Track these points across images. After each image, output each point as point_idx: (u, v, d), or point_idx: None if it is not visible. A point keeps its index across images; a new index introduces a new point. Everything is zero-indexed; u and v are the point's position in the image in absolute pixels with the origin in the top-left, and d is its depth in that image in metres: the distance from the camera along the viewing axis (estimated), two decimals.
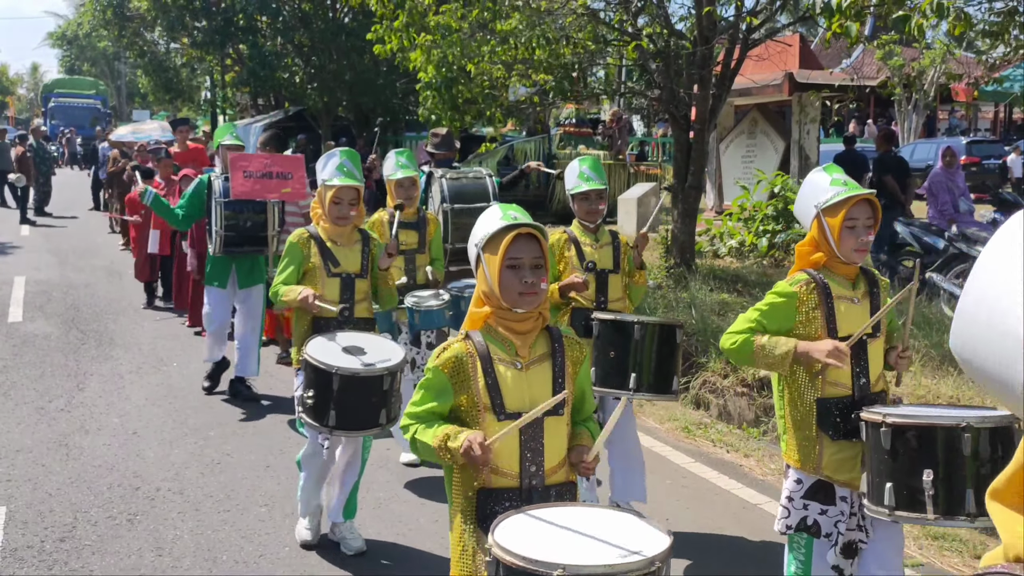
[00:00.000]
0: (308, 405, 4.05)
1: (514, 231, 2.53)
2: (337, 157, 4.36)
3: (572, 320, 4.56)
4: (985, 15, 10.35)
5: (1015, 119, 34.51)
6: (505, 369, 2.57)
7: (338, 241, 4.39)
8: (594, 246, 4.64)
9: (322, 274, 4.34)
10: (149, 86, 34.76)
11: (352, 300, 4.40)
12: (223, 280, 7.03)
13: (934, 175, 10.56)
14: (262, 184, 6.53)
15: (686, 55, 9.75)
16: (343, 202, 4.32)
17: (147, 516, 4.93)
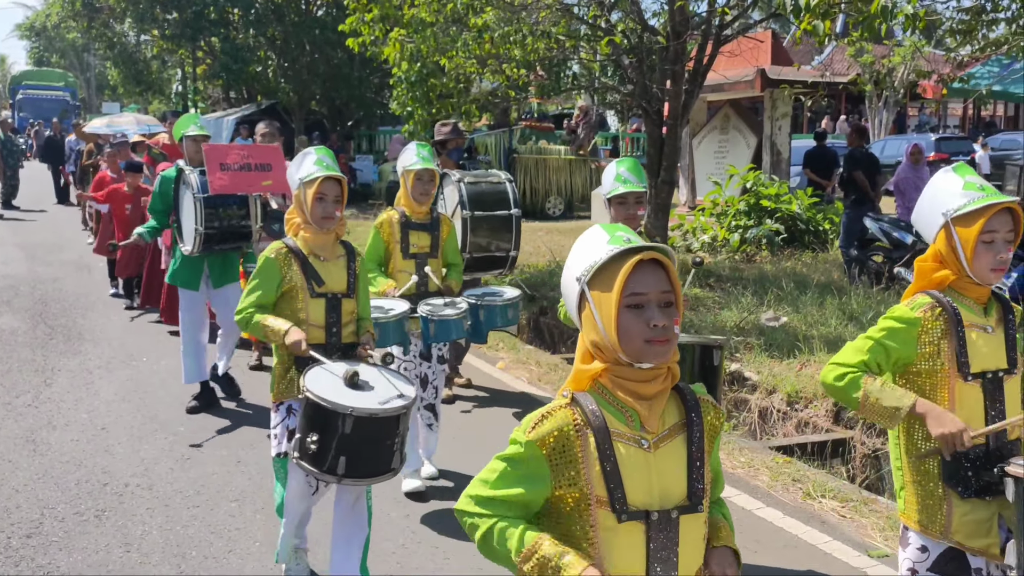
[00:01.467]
0: (311, 451, 3.45)
1: (634, 257, 1.89)
2: (313, 154, 3.92)
3: None
4: (953, 14, 10.49)
5: (983, 116, 34.97)
6: (627, 449, 1.91)
7: (321, 255, 3.89)
8: None
9: (304, 294, 3.83)
10: (119, 78, 34.42)
11: (339, 323, 3.90)
12: (194, 281, 6.56)
13: (901, 172, 10.69)
14: (241, 177, 6.17)
15: (659, 50, 9.80)
16: (327, 198, 3.79)
17: (115, 512, 4.89)
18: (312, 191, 3.79)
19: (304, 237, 3.88)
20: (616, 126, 33.81)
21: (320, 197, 3.79)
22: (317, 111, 25.07)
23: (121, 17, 28.47)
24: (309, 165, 3.87)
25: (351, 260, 3.99)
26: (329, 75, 23.58)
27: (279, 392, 3.91)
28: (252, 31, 24.47)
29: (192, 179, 6.27)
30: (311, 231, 3.86)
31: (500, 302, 5.45)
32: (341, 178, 3.85)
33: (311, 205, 3.80)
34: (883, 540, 4.70)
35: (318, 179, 3.78)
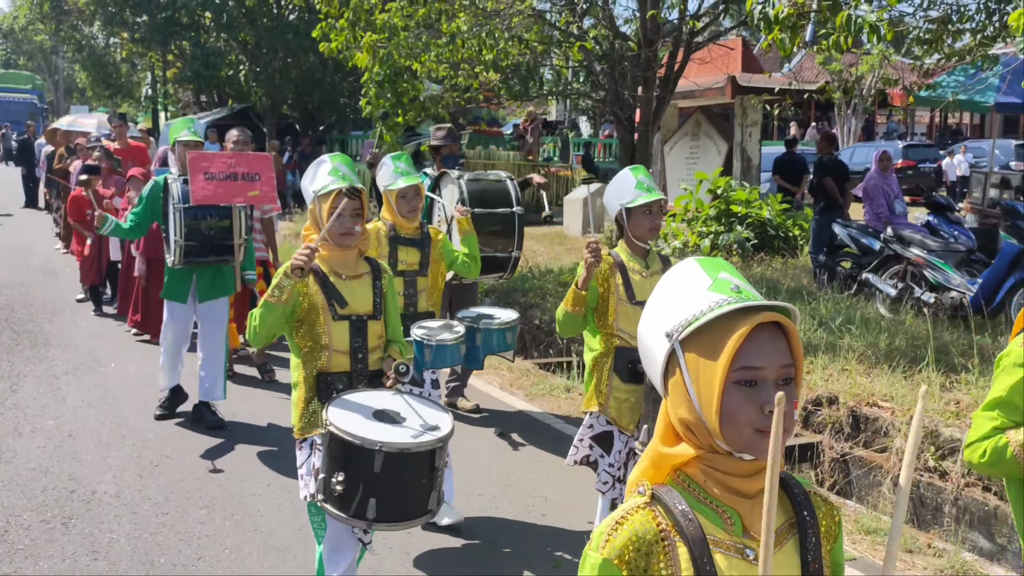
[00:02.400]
0: (337, 493, 3.08)
1: (752, 320, 1.44)
2: (328, 162, 3.54)
3: (616, 362, 3.96)
4: (920, 23, 10.64)
5: (950, 124, 35.48)
6: (728, 560, 1.47)
7: (343, 273, 3.50)
8: (644, 273, 3.97)
9: (326, 316, 3.44)
10: (88, 81, 34.04)
11: (365, 347, 3.52)
12: (182, 294, 6.23)
13: (870, 178, 10.82)
14: (226, 187, 5.83)
15: (630, 57, 9.86)
16: (345, 212, 3.39)
17: (82, 519, 4.84)
18: (328, 205, 3.42)
19: (322, 255, 3.50)
20: (587, 132, 33.94)
21: (337, 211, 3.38)
22: (289, 115, 24.98)
23: (90, 19, 28.20)
24: (323, 176, 3.51)
25: (377, 278, 3.59)
26: (301, 79, 23.50)
27: (302, 426, 3.49)
28: (223, 35, 24.33)
29: (174, 188, 5.91)
30: (329, 248, 3.49)
31: (497, 325, 5.18)
32: (361, 189, 3.48)
33: (328, 220, 3.40)
34: (851, 543, 4.75)
35: (334, 191, 3.41)
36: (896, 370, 6.12)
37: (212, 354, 6.36)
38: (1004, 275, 8.15)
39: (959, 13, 9.86)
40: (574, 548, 4.68)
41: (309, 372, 3.48)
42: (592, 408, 4.05)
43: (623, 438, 4.00)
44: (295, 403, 3.54)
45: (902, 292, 9.01)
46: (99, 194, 9.80)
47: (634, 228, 3.96)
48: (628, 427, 3.99)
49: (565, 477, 5.56)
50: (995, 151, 16.53)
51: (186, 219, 5.84)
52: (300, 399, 3.51)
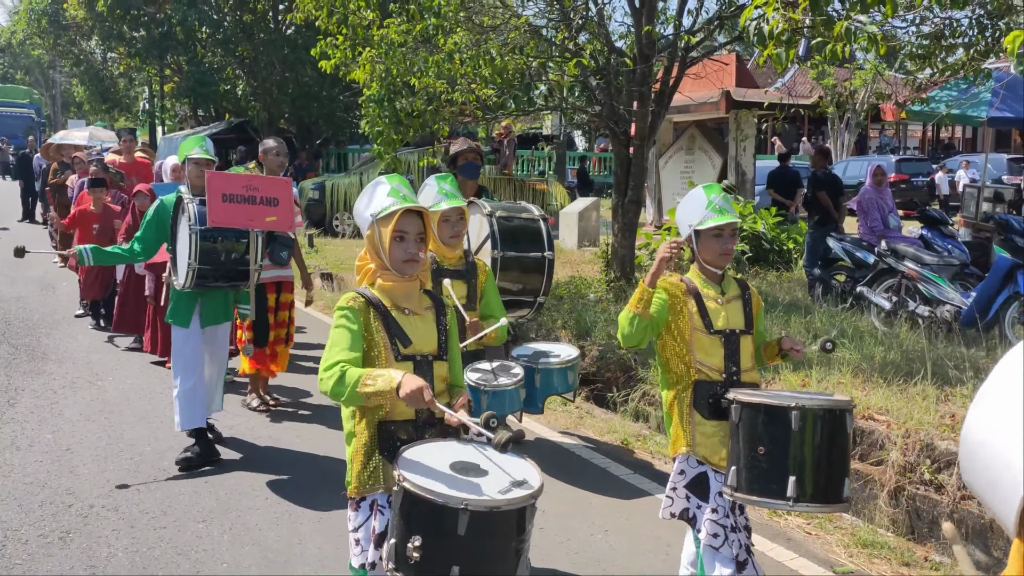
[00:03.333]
0: (413, 560, 2.64)
1: None
2: (385, 183, 3.15)
3: (696, 397, 3.63)
4: (913, 38, 10.72)
5: (942, 138, 35.66)
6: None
7: (406, 307, 3.12)
8: (719, 300, 3.68)
9: (388, 356, 3.04)
10: (85, 95, 34.15)
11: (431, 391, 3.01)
12: (185, 318, 5.90)
13: (864, 192, 10.88)
14: (244, 210, 5.61)
15: (626, 72, 9.92)
16: (408, 236, 3.06)
17: (80, 534, 4.84)
18: (389, 229, 3.05)
19: (383, 286, 3.12)
20: (583, 146, 34.06)
21: (400, 236, 3.05)
22: (286, 129, 25.06)
23: (88, 34, 28.31)
24: (382, 197, 3.13)
25: (441, 313, 3.22)
26: (298, 94, 23.61)
27: (361, 484, 3.07)
28: (220, 50, 24.43)
29: (191, 209, 5.62)
30: (391, 278, 3.11)
31: (557, 364, 4.84)
32: (423, 210, 3.11)
33: (389, 246, 3.06)
34: (848, 556, 4.77)
35: (396, 213, 3.04)
36: (891, 383, 6.15)
37: (217, 375, 6.16)
38: (997, 289, 8.20)
39: (951, 28, 9.94)
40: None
41: (369, 420, 3.05)
42: (680, 450, 3.67)
43: (719, 477, 3.57)
44: (351, 458, 3.10)
45: (896, 306, 9.05)
46: (107, 207, 9.79)
47: (704, 252, 3.65)
48: (721, 464, 3.58)
49: (563, 488, 5.58)
50: (988, 165, 16.61)
51: (201, 241, 5.55)
52: (358, 452, 3.07)
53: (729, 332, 3.64)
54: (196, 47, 24.50)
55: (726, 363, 3.61)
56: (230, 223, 5.59)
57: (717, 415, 3.57)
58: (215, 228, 5.56)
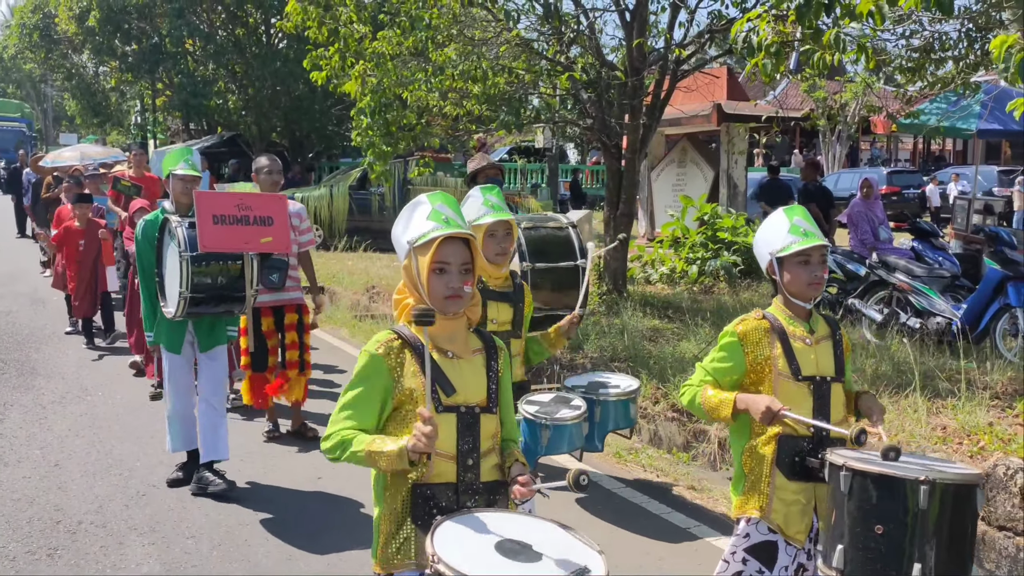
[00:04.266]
0: None
1: None
2: (426, 203, 2.65)
3: (779, 455, 3.12)
4: (902, 51, 10.79)
5: (933, 150, 35.84)
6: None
7: (450, 350, 2.65)
8: (808, 340, 3.18)
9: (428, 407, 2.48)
10: (77, 109, 34.11)
11: (476, 450, 2.60)
12: (176, 343, 5.54)
13: (854, 205, 10.93)
14: (237, 232, 5.23)
15: (617, 85, 9.95)
16: (451, 268, 2.57)
17: (68, 551, 4.80)
18: (427, 259, 2.56)
19: None
20: (575, 159, 34.14)
21: (440, 266, 2.57)
22: (278, 143, 25.06)
23: (79, 48, 28.30)
24: (420, 221, 2.62)
25: (492, 357, 2.72)
26: (290, 107, 23.62)
27: (387, 559, 2.59)
28: (212, 64, 24.45)
29: (180, 233, 5.18)
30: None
31: (617, 395, 4.47)
32: (469, 236, 2.61)
33: (427, 279, 2.57)
34: None
35: (435, 241, 2.55)
36: (882, 395, 6.15)
37: (211, 407, 5.63)
38: (988, 300, 8.22)
39: (941, 41, 10.00)
40: None
41: (400, 483, 2.57)
42: (751, 513, 3.18)
43: (790, 551, 3.15)
44: (377, 525, 2.63)
45: (888, 317, 9.06)
46: (93, 223, 9.64)
47: (789, 283, 3.16)
48: (798, 537, 3.14)
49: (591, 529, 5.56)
50: (978, 177, 16.69)
51: (193, 268, 5.14)
52: (386, 519, 2.60)
53: (819, 379, 3.14)
54: (188, 60, 24.51)
55: (815, 416, 3.11)
56: (223, 247, 5.20)
57: (803, 477, 3.10)
58: (207, 253, 5.16)
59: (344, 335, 10.68)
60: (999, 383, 6.49)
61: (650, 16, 10.21)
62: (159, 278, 5.46)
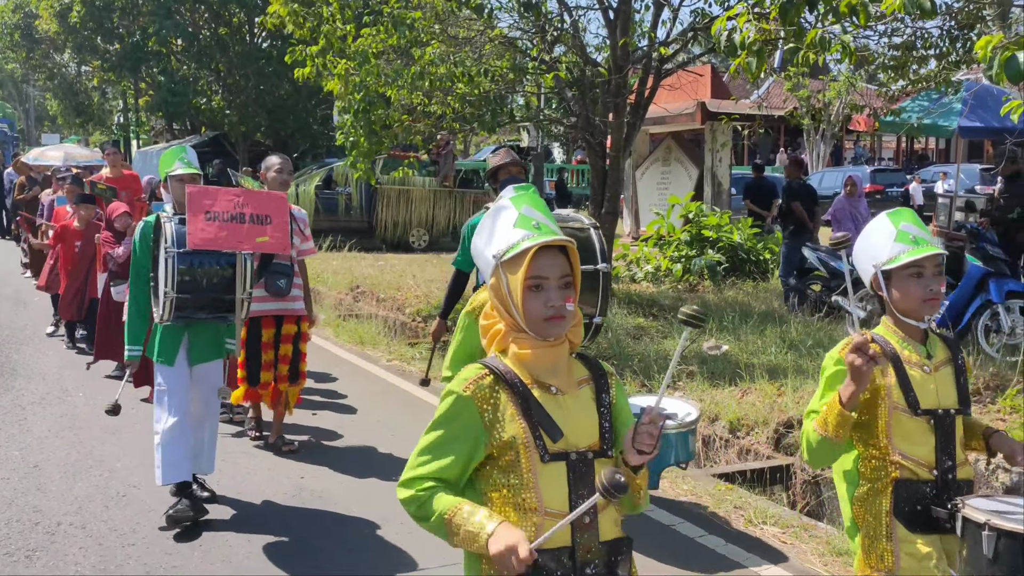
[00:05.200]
0: None
1: None
2: (511, 208, 2.21)
3: (896, 503, 2.69)
4: (884, 49, 10.84)
5: (916, 149, 36.05)
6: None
7: (553, 384, 2.19)
8: (926, 367, 2.76)
9: (530, 457, 2.13)
10: (59, 109, 33.91)
11: (594, 508, 2.13)
12: (170, 355, 5.10)
13: (837, 203, 10.98)
14: (230, 230, 4.89)
15: (601, 84, 9.95)
16: (549, 283, 2.13)
17: (46, 552, 4.75)
18: (520, 275, 2.12)
19: (519, 356, 2.18)
20: (560, 158, 34.15)
21: (535, 282, 2.12)
22: (262, 142, 24.97)
23: (61, 48, 28.11)
24: (506, 229, 2.18)
25: (601, 388, 2.26)
26: (274, 106, 23.54)
27: None
28: (195, 63, 24.35)
29: (168, 228, 4.89)
30: (529, 344, 2.17)
31: (675, 428, 4.02)
32: (567, 243, 2.19)
33: (522, 300, 2.12)
34: (823, 565, 4.75)
35: (529, 252, 2.11)
36: None
37: (202, 422, 5.29)
38: (970, 297, 8.26)
39: (923, 39, 10.05)
40: None
41: None
42: (877, 572, 2.73)
43: None
44: None
45: (871, 314, 9.10)
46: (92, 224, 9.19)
47: (900, 300, 2.77)
48: None
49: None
50: (960, 175, 16.79)
51: (179, 266, 4.84)
52: None
53: (942, 412, 2.70)
54: (171, 60, 24.39)
55: (938, 455, 2.66)
56: (214, 245, 4.84)
57: (928, 528, 2.65)
58: (196, 251, 4.84)
59: (328, 335, 10.63)
60: (980, 379, 6.51)
61: (634, 14, 10.22)
62: (154, 282, 5.05)
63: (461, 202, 19.43)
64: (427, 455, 2.16)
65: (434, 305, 10.58)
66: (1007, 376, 6.44)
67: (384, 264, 14.62)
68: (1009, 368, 6.84)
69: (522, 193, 2.28)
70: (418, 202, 19.03)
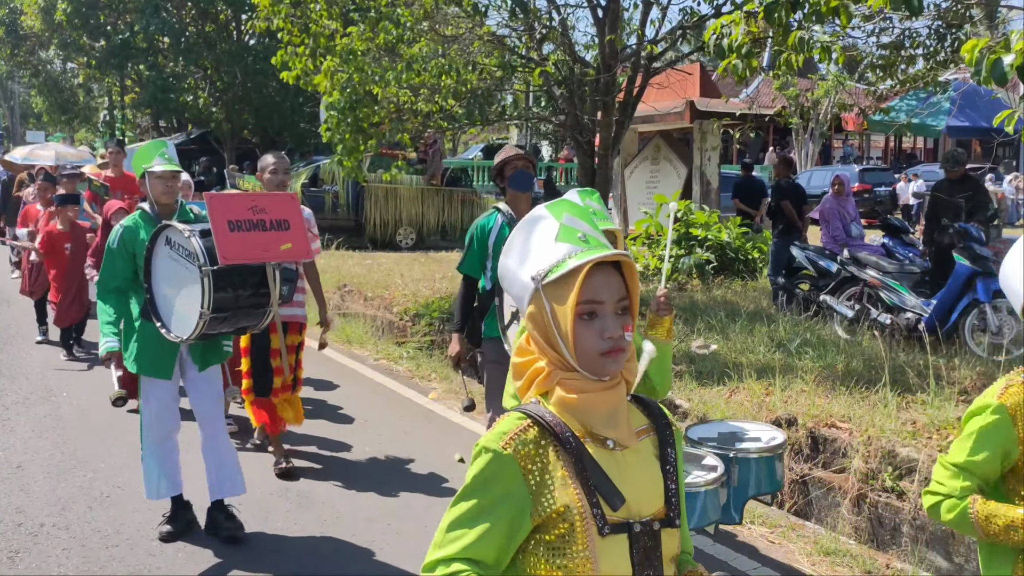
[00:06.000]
0: None
1: None
2: (549, 218, 1.79)
3: None
4: (873, 49, 10.85)
5: (904, 148, 36.18)
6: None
7: (610, 437, 1.76)
8: None
9: (587, 530, 1.70)
10: (44, 107, 33.66)
11: None
12: (165, 367, 4.67)
13: (826, 202, 10.99)
14: (255, 240, 4.55)
15: (589, 82, 9.92)
16: (604, 309, 1.71)
17: (29, 553, 4.70)
18: (570, 301, 1.69)
19: (568, 400, 1.74)
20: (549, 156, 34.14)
21: (588, 308, 1.70)
22: (250, 140, 24.87)
23: (46, 44, 27.92)
24: (546, 243, 1.77)
25: (665, 440, 1.85)
26: (261, 104, 23.45)
27: None
28: (182, 60, 24.23)
29: (195, 243, 4.41)
30: (581, 385, 1.73)
31: (757, 451, 3.62)
32: (622, 258, 1.76)
33: (572, 330, 1.70)
34: (810, 565, 4.75)
35: (581, 271, 1.70)
36: (853, 391, 6.16)
37: (215, 434, 4.89)
38: (957, 296, 8.27)
39: (911, 39, 10.07)
40: None
41: None
42: None
43: None
44: None
45: (859, 314, 9.11)
46: (76, 226, 8.99)
47: None
48: None
49: None
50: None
51: (216, 283, 4.41)
52: None
53: None
54: (157, 56, 24.27)
55: None
56: (244, 258, 4.50)
57: None
58: (228, 268, 4.44)
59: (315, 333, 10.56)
60: (968, 378, 6.52)
61: (623, 12, 10.20)
62: (149, 294, 4.59)
63: (449, 200, 19.41)
64: (458, 530, 1.72)
65: (422, 303, 10.54)
66: (994, 375, 6.44)
67: (372, 262, 14.56)
68: (996, 367, 6.85)
69: (560, 199, 1.90)
70: (406, 200, 18.98)
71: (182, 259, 4.49)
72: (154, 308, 4.59)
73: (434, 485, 5.86)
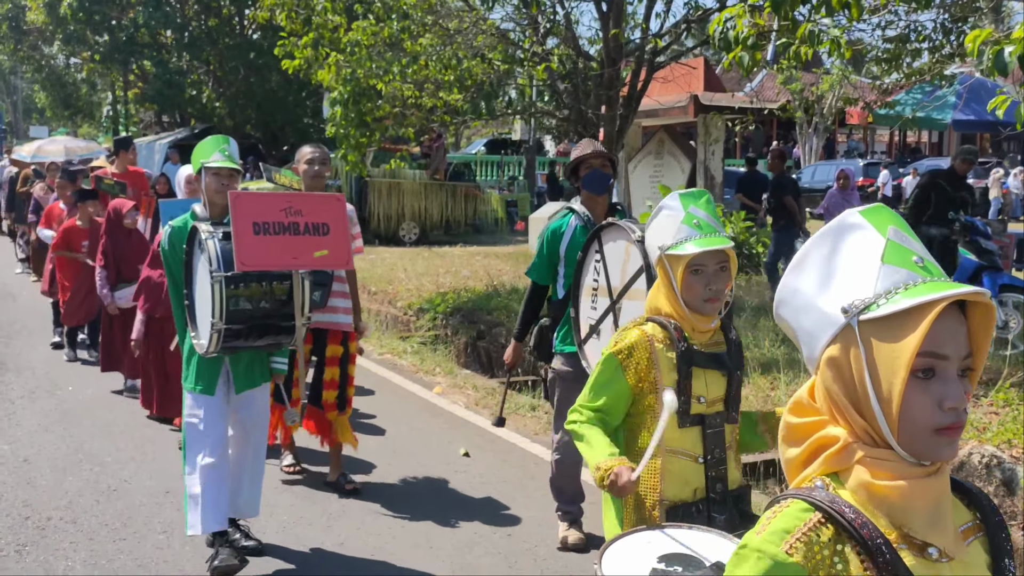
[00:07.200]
0: None
1: None
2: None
3: None
4: (879, 43, 10.83)
5: (909, 142, 36.11)
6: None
7: (934, 543, 1.30)
8: None
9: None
10: (47, 102, 33.68)
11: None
12: (210, 383, 4.36)
13: (830, 196, 10.99)
14: (284, 244, 4.18)
15: (593, 76, 9.91)
16: (948, 367, 1.27)
17: (37, 547, 4.72)
18: (909, 351, 1.26)
19: (877, 490, 1.43)
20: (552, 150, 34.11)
21: (927, 365, 1.27)
22: (253, 135, 24.87)
23: (50, 39, 27.94)
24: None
25: (999, 544, 1.40)
26: (264, 99, 23.44)
27: None
28: (185, 54, 24.23)
29: (211, 246, 4.10)
30: (894, 467, 1.34)
31: None
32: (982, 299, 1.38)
33: (901, 389, 1.29)
34: None
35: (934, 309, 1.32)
36: None
37: (250, 458, 4.63)
38: None
39: (916, 32, 10.04)
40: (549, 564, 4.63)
41: None
42: None
43: None
44: None
45: None
46: (96, 223, 8.49)
47: None
48: None
49: (533, 494, 5.53)
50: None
51: (227, 291, 4.09)
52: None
53: None
54: (161, 51, 24.27)
55: None
56: (266, 264, 4.14)
57: None
58: (245, 274, 4.12)
59: None
60: None
61: (627, 6, 10.18)
62: (188, 300, 4.34)
63: (452, 195, 19.40)
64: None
65: (425, 298, 10.55)
66: (999, 369, 6.44)
67: (375, 257, 14.57)
68: (1002, 361, 6.84)
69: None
70: (409, 195, 18.96)
71: (205, 263, 4.18)
72: (192, 316, 4.33)
73: (439, 479, 5.87)
